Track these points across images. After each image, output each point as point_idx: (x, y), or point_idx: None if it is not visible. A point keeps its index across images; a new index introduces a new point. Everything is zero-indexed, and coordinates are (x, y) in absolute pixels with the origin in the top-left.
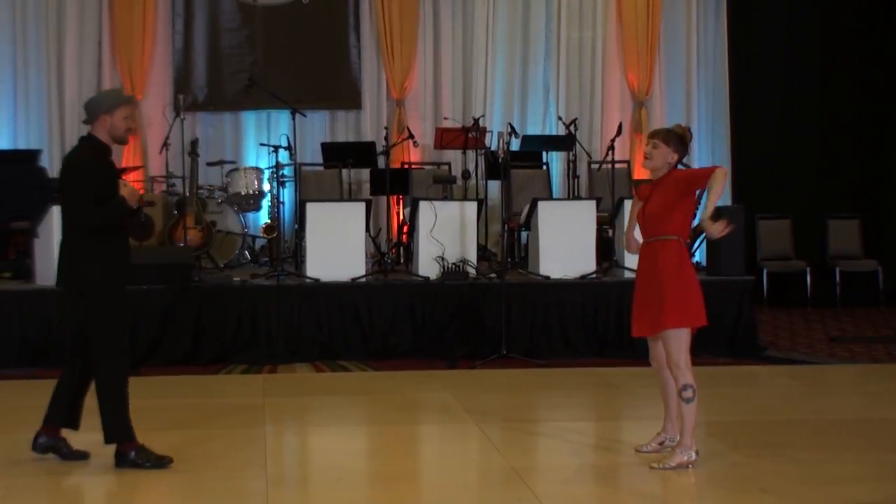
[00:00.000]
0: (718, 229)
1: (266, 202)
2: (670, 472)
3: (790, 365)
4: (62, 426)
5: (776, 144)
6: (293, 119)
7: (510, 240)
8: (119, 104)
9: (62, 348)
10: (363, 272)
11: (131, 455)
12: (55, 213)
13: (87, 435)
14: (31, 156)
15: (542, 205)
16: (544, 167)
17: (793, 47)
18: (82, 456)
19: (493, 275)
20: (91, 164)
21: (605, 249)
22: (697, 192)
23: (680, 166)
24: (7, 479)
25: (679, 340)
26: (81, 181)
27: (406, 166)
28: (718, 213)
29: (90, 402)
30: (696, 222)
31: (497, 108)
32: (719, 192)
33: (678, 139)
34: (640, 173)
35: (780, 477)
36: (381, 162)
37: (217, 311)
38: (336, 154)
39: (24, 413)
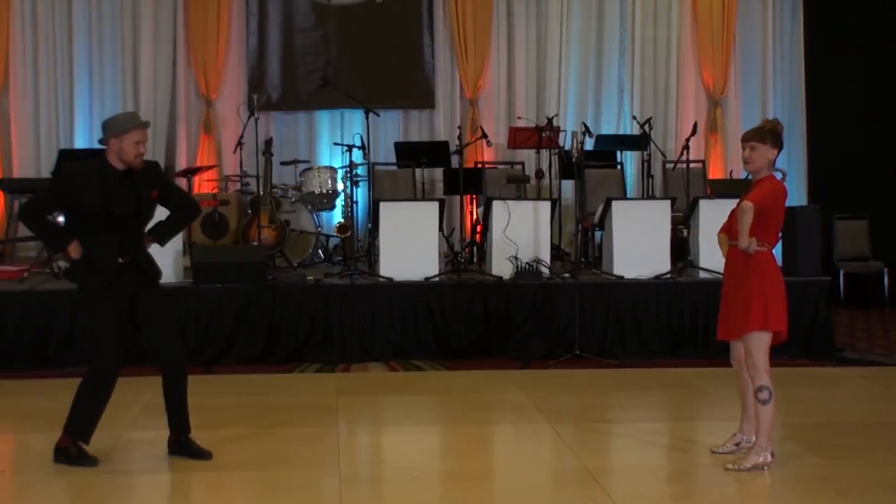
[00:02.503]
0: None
1: (339, 201)
2: (745, 474)
3: (867, 366)
4: (173, 430)
5: (853, 144)
6: (367, 118)
7: (584, 239)
8: (130, 129)
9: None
10: (436, 272)
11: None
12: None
13: (157, 432)
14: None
15: (616, 204)
16: (618, 167)
17: (870, 46)
18: (207, 455)
19: (566, 275)
20: (73, 174)
21: (680, 249)
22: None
23: (777, 174)
24: (91, 474)
25: (759, 342)
26: (52, 181)
27: (479, 166)
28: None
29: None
30: None
31: (571, 107)
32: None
33: (773, 135)
34: (715, 173)
35: (857, 479)
36: (454, 161)
37: (291, 309)
38: (409, 153)
39: (112, 410)
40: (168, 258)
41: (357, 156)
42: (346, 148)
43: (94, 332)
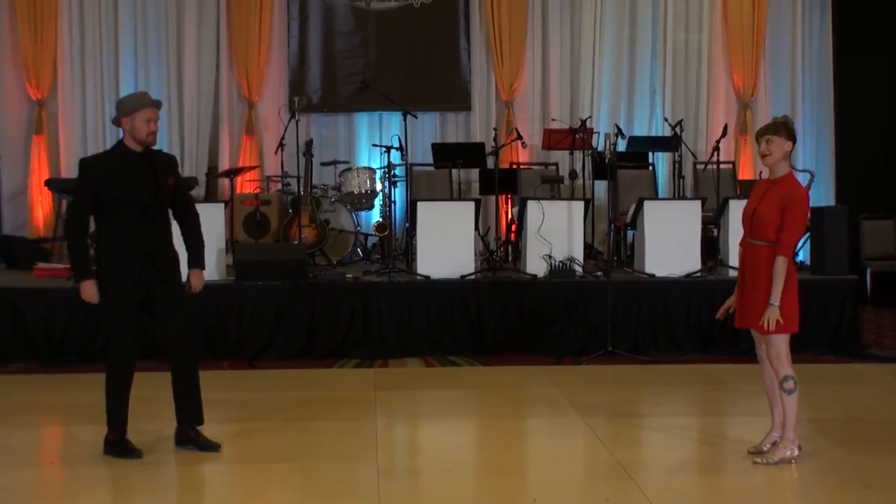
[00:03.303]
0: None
1: (378, 201)
2: (774, 467)
3: (893, 363)
4: (181, 423)
5: (880, 145)
6: (404, 120)
7: (616, 239)
8: (139, 107)
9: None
10: (472, 270)
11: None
12: None
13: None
14: None
15: (647, 204)
16: (650, 167)
17: None
18: (215, 447)
19: (599, 273)
20: (91, 166)
21: (710, 248)
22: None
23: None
24: (135, 465)
25: (781, 339)
26: (77, 181)
27: (514, 166)
28: (819, 216)
29: (238, 395)
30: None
31: (604, 109)
32: (780, 281)
33: (786, 128)
34: (744, 174)
35: (884, 473)
36: (490, 162)
37: (330, 306)
38: (446, 154)
39: (150, 404)
40: (211, 256)
41: (395, 157)
42: (384, 149)
43: (112, 324)
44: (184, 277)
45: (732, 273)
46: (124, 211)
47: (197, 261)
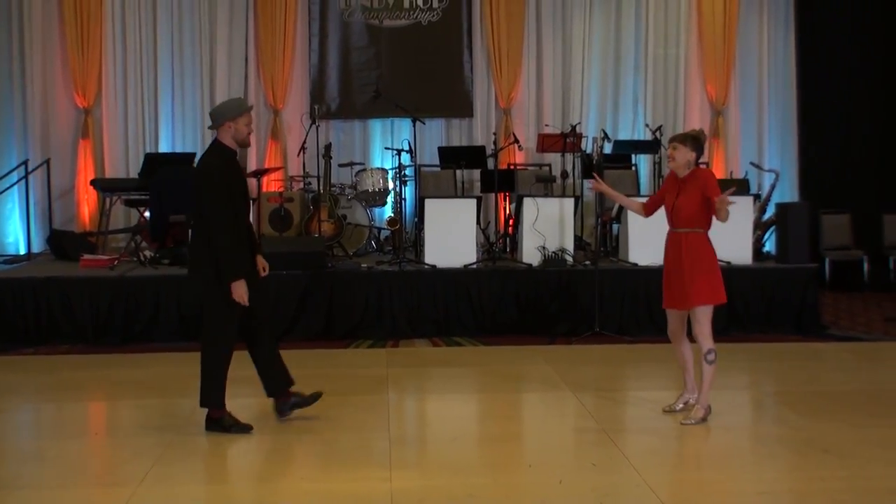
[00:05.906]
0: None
1: (390, 198)
2: (738, 432)
3: (850, 342)
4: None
5: (839, 147)
6: (414, 126)
7: (603, 231)
8: (242, 112)
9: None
10: (474, 259)
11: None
12: None
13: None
14: (187, 158)
15: None
16: (633, 168)
17: (855, 60)
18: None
19: (587, 262)
20: (219, 167)
21: None
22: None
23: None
24: (172, 437)
25: (705, 315)
26: (212, 183)
27: (512, 167)
28: (784, 211)
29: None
30: (766, 216)
31: (592, 116)
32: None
33: (693, 140)
34: (717, 174)
35: (841, 439)
36: (490, 163)
37: (347, 293)
38: (451, 156)
39: (184, 381)
40: None
41: (405, 158)
42: (395, 152)
43: (225, 309)
44: None
45: None
46: (240, 205)
47: (260, 249)
